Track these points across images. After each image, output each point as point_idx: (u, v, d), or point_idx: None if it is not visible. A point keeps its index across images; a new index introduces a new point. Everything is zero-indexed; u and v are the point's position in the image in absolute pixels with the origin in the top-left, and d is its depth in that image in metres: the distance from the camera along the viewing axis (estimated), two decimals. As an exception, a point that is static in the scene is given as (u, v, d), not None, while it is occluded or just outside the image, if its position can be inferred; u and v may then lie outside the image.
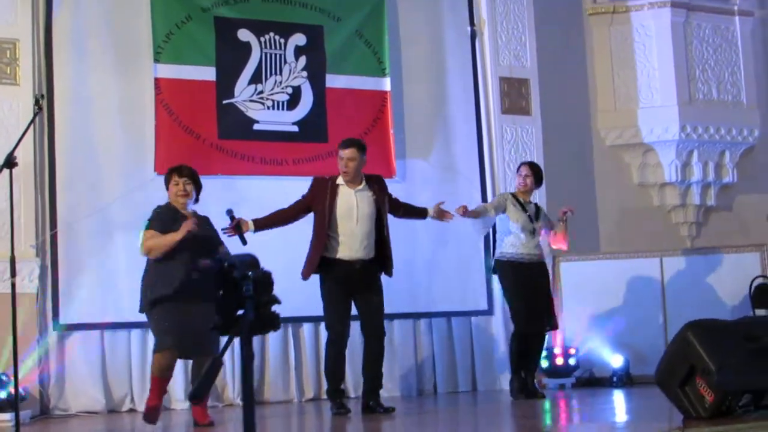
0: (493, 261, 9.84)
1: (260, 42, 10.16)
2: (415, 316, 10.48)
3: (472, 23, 11.14)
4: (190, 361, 8.23)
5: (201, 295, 7.23)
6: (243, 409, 3.52)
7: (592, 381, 10.72)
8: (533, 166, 9.82)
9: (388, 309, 10.27)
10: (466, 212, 9.11)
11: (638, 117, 11.68)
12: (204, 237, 7.78)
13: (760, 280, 10.71)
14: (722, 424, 6.24)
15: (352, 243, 8.25)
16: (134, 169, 9.57)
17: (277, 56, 10.21)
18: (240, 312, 3.62)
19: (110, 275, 9.44)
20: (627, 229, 11.60)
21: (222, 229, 8.07)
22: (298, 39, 10.31)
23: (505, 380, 10.27)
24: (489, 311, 10.69)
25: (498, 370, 10.61)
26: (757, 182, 12.25)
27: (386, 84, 10.59)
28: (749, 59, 12.22)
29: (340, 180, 8.36)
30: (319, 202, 8.31)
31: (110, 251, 9.49)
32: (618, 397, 9.44)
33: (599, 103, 11.88)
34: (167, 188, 8.00)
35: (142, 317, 9.41)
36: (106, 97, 9.66)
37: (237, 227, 8.09)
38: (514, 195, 9.67)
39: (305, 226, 8.57)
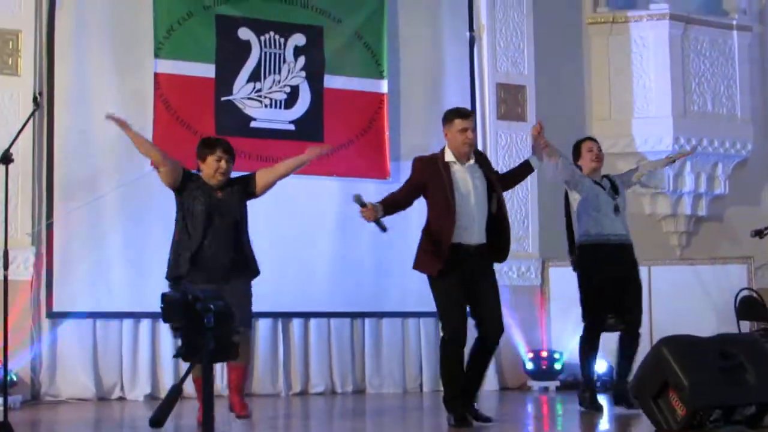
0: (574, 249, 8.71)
1: (260, 41, 10.29)
2: (404, 315, 10.62)
3: (471, 29, 11.27)
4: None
5: (228, 273, 7.12)
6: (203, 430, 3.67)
7: (576, 385, 10.82)
8: (597, 141, 8.79)
9: (376, 307, 10.48)
10: (540, 133, 7.78)
11: (633, 127, 11.80)
12: (228, 207, 7.30)
13: (745, 293, 10.83)
14: (692, 438, 6.40)
15: (468, 225, 7.28)
16: (131, 163, 9.67)
17: (277, 55, 10.35)
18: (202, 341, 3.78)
19: (104, 265, 9.61)
20: (617, 236, 11.70)
21: (362, 214, 7.11)
22: (298, 39, 10.45)
23: (489, 381, 10.49)
24: (477, 313, 10.82)
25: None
26: (748, 195, 12.41)
27: (384, 86, 10.73)
28: (745, 73, 12.33)
29: (449, 156, 7.44)
30: (436, 184, 7.32)
31: (105, 242, 9.65)
32: (600, 403, 9.55)
33: (595, 111, 12.00)
34: (202, 160, 7.33)
35: (135, 307, 9.66)
36: (105, 90, 9.80)
37: (375, 216, 7.08)
38: None
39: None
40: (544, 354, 10.77)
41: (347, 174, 10.35)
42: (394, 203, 7.35)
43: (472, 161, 7.42)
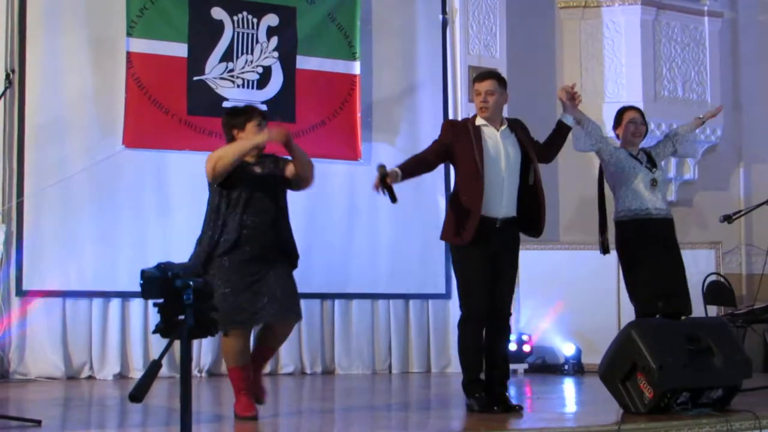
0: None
1: (233, 21, 10.22)
2: (374, 296, 10.65)
3: (444, 11, 11.23)
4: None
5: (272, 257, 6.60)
6: (180, 405, 3.68)
7: (544, 368, 10.91)
8: (642, 112, 8.38)
9: (346, 289, 10.48)
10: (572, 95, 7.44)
11: (604, 111, 11.76)
12: (269, 184, 6.71)
13: (713, 278, 10.93)
14: (659, 421, 6.45)
15: (495, 195, 6.89)
16: (102, 142, 9.68)
17: (250, 35, 10.29)
18: (180, 318, 3.79)
19: (74, 244, 9.55)
20: (587, 220, 11.70)
21: (375, 187, 6.62)
22: (271, 19, 10.38)
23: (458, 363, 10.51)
24: (446, 295, 10.84)
25: (453, 352, 10.77)
26: (717, 180, 12.48)
27: (356, 68, 10.70)
28: (716, 59, 12.37)
29: (479, 120, 7.03)
30: (463, 147, 6.93)
31: (75, 221, 9.59)
32: (568, 386, 9.63)
33: (566, 96, 12.02)
34: (240, 128, 6.73)
35: (105, 286, 9.61)
36: (77, 69, 9.72)
37: (386, 184, 6.58)
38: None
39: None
40: (513, 337, 10.80)
41: (318, 155, 10.25)
42: (418, 162, 6.99)
43: (504, 126, 7.06)
